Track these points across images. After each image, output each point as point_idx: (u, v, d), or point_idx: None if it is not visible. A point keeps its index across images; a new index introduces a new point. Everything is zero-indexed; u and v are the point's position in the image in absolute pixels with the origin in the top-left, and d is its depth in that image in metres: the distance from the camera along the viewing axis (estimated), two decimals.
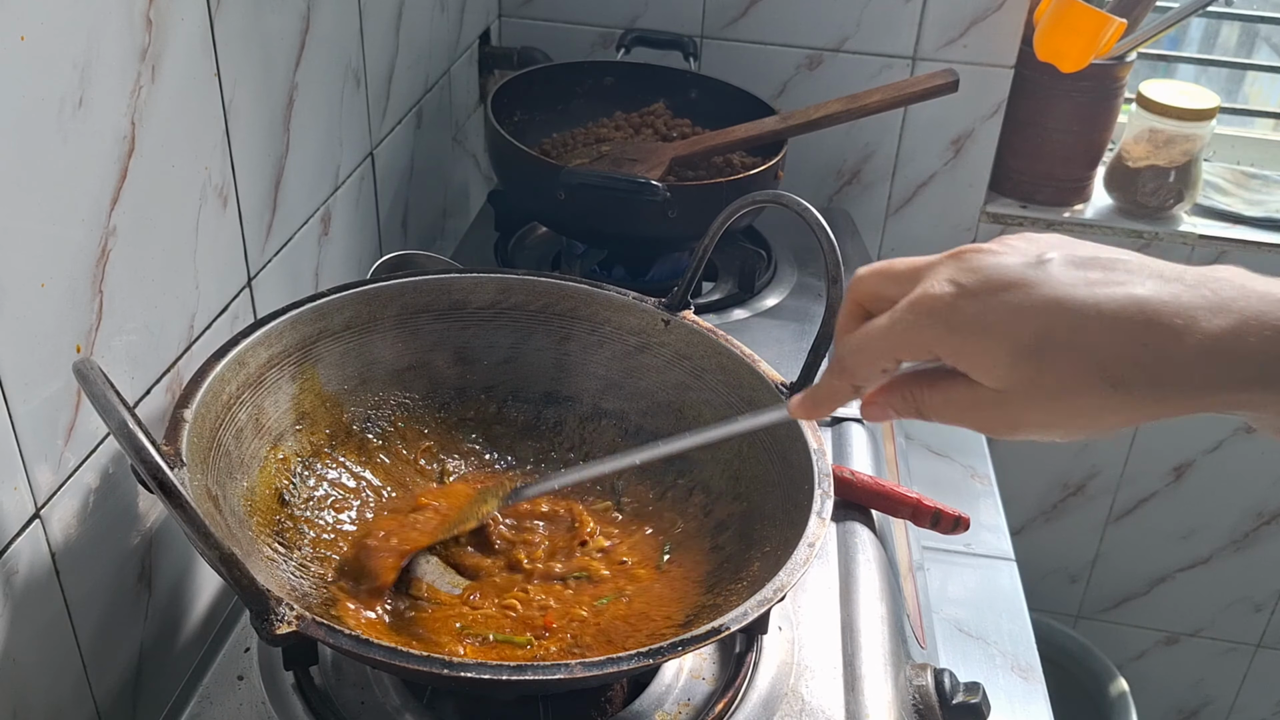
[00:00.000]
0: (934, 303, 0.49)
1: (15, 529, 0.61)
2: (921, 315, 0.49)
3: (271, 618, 0.55)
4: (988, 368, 0.48)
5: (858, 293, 0.54)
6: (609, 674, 0.58)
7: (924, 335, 0.49)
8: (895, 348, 0.50)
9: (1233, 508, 1.65)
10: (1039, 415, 0.48)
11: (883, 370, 0.52)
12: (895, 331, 0.50)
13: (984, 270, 0.48)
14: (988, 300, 0.47)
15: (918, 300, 0.49)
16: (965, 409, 0.50)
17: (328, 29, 0.94)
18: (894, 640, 0.79)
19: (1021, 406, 0.48)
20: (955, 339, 0.48)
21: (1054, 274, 0.47)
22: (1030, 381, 0.47)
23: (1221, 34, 1.76)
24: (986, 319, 0.47)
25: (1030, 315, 0.46)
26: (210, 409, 0.68)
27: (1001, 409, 0.49)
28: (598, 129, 1.26)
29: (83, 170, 0.63)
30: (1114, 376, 0.45)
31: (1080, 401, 0.47)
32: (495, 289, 0.85)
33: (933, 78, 1.13)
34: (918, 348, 0.50)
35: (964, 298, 0.48)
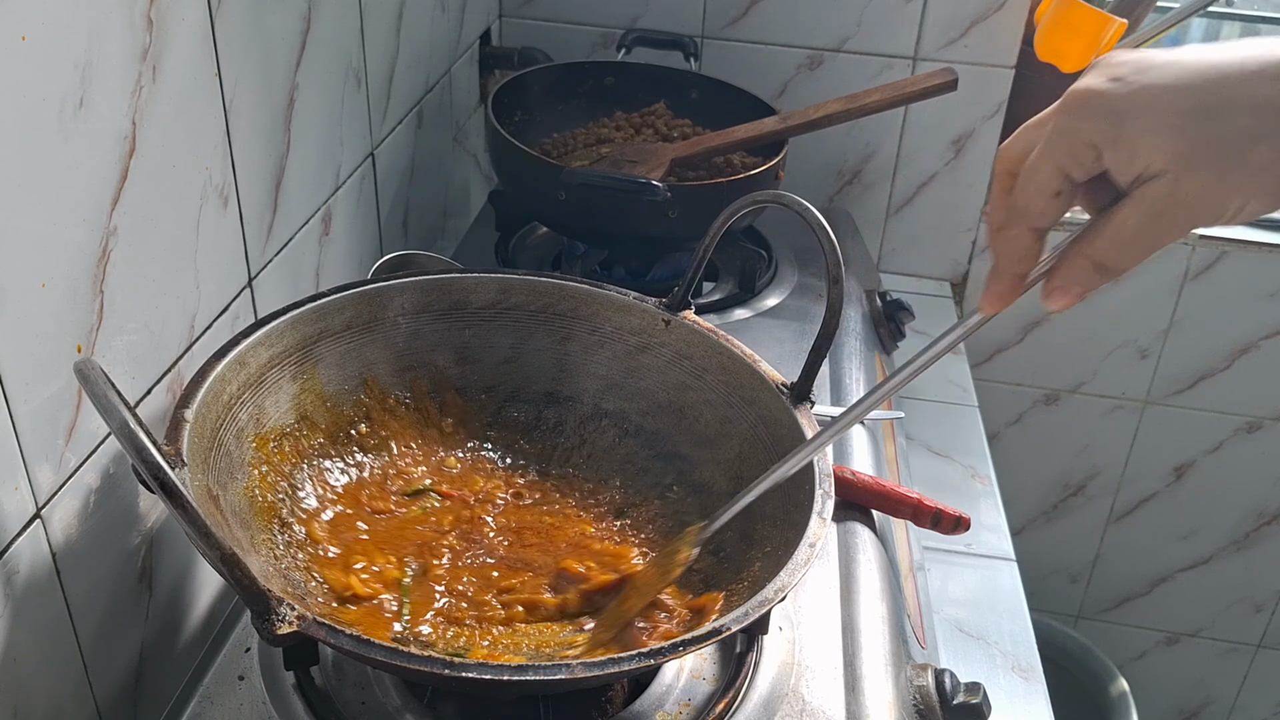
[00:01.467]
0: (1085, 94, 0.49)
1: (16, 529, 0.61)
2: (1078, 110, 0.49)
3: (272, 618, 0.55)
4: (1158, 144, 0.47)
5: (1006, 160, 0.53)
6: (609, 674, 0.58)
7: (1087, 129, 0.48)
8: (1062, 156, 0.50)
9: (1233, 508, 1.65)
10: (1219, 185, 0.47)
11: (1055, 194, 0.50)
12: (1056, 140, 0.49)
13: (1128, 62, 0.48)
14: (1139, 79, 0.48)
15: (1070, 100, 0.49)
16: (1145, 223, 0.49)
17: (328, 29, 0.94)
18: (895, 640, 0.79)
19: (1199, 180, 0.47)
20: (1119, 122, 0.48)
21: (1195, 52, 0.48)
22: (1204, 145, 0.47)
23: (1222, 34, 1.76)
24: (1146, 94, 0.47)
25: (1187, 81, 0.47)
26: (211, 409, 0.68)
27: (1179, 196, 0.48)
28: (598, 129, 1.26)
29: (84, 170, 0.63)
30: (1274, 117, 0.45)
31: (1257, 156, 0.46)
32: (496, 289, 0.85)
33: (932, 77, 1.13)
34: (1083, 147, 0.49)
35: (1115, 82, 0.48)
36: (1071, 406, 1.61)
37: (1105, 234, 0.50)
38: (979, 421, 1.32)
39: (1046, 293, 0.53)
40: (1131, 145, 0.48)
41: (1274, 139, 0.46)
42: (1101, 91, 0.48)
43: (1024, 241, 0.52)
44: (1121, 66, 0.48)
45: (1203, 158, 0.47)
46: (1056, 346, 1.56)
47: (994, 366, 1.58)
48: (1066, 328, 1.54)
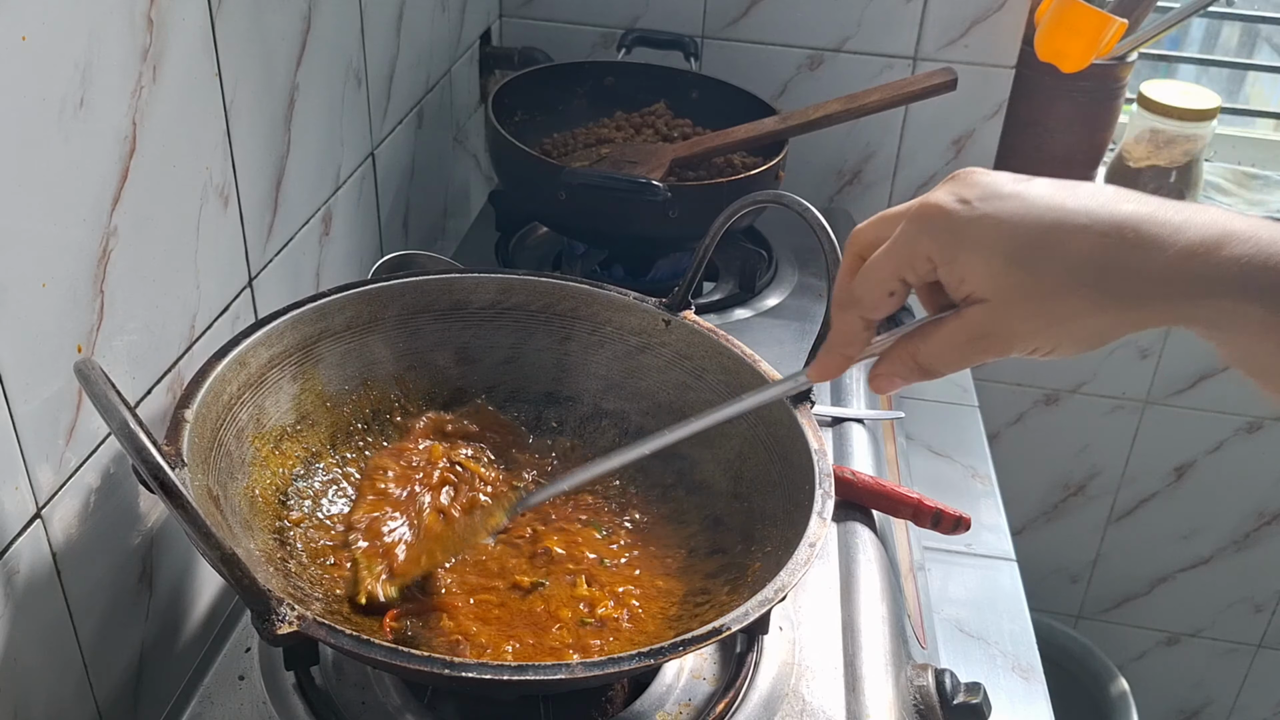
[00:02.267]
0: (935, 211, 0.51)
1: (16, 529, 0.61)
2: (924, 223, 0.51)
3: (273, 618, 0.55)
4: (983, 273, 0.50)
5: (857, 244, 0.56)
6: (610, 674, 0.58)
7: (926, 243, 0.51)
8: (900, 262, 0.52)
9: (1233, 508, 1.65)
10: (1031, 323, 0.51)
11: (889, 294, 0.54)
12: (898, 246, 0.52)
13: (980, 184, 0.51)
14: (985, 207, 0.50)
15: (919, 211, 0.52)
16: (963, 342, 0.52)
17: (329, 29, 0.94)
18: (895, 640, 0.79)
19: (1014, 316, 0.51)
20: (955, 245, 0.50)
21: (1042, 188, 0.50)
22: (1023, 286, 0.50)
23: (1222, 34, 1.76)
24: (984, 224, 0.50)
25: (1024, 221, 0.49)
26: (211, 409, 0.68)
27: (995, 324, 0.51)
28: (598, 129, 1.26)
29: (84, 170, 0.63)
30: (1100, 282, 0.48)
31: (1069, 306, 0.49)
32: (496, 289, 0.85)
33: (931, 76, 1.13)
34: (919, 258, 0.52)
35: (963, 205, 0.51)
36: (1072, 406, 1.61)
37: (930, 341, 0.54)
38: (979, 421, 1.32)
39: (871, 377, 0.58)
40: (962, 270, 0.51)
41: (1084, 293, 0.49)
42: (948, 211, 0.51)
43: (855, 328, 0.56)
44: (973, 188, 0.51)
45: (1019, 299, 0.50)
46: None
47: (994, 366, 1.58)
48: None
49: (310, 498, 0.76)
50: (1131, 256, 0.48)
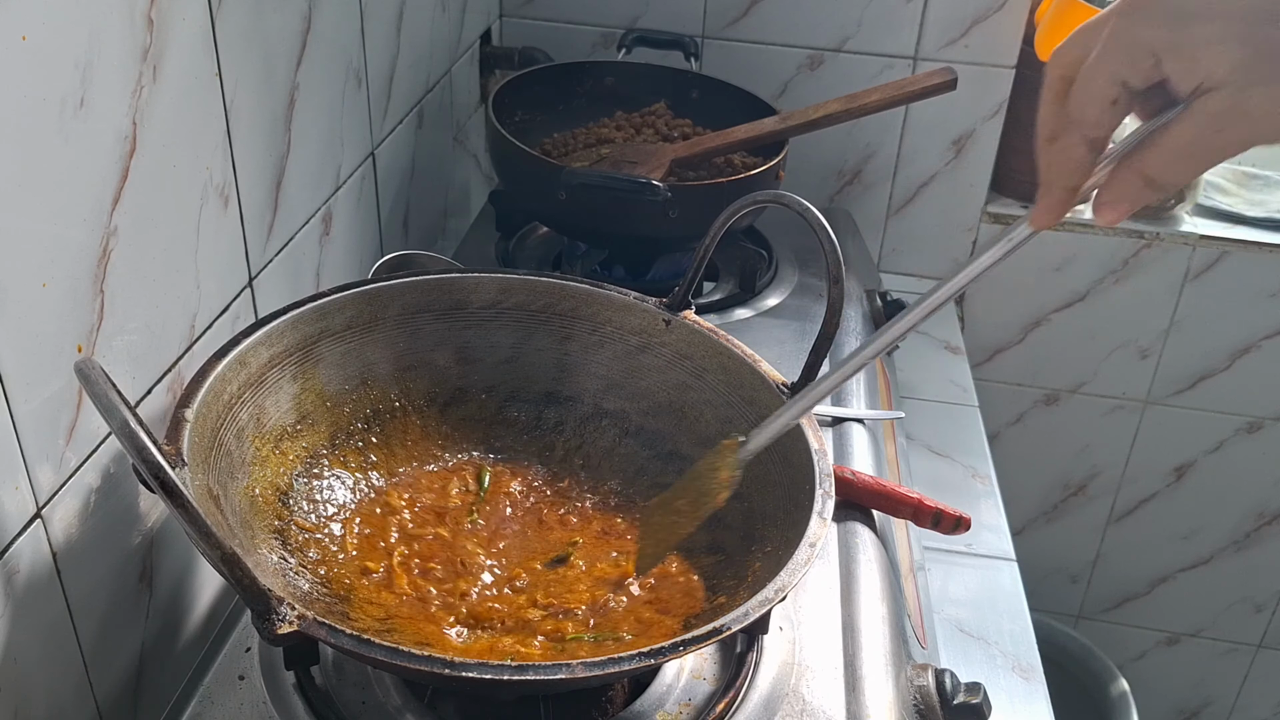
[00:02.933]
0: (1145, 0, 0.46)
1: (16, 529, 0.61)
2: (1138, 13, 0.46)
3: (273, 617, 0.55)
4: (1221, 52, 0.44)
5: (1060, 65, 0.50)
6: (610, 674, 0.58)
7: (1145, 35, 0.46)
8: (1119, 63, 0.47)
9: (1233, 508, 1.65)
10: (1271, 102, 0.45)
11: (1112, 102, 0.48)
12: (1114, 44, 0.47)
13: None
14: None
15: (1127, 4, 0.46)
16: (1197, 138, 0.47)
17: (329, 29, 0.94)
18: (895, 640, 0.79)
19: (1252, 96, 0.45)
20: (1181, 29, 0.45)
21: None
22: (1261, 56, 0.44)
23: None
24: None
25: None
26: (211, 409, 0.68)
27: (1235, 109, 0.45)
28: (599, 129, 1.26)
29: (84, 170, 0.63)
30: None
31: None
32: (496, 289, 0.85)
33: (931, 76, 1.13)
34: (1141, 55, 0.46)
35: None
36: (1072, 406, 1.61)
37: (1159, 148, 0.48)
38: (979, 421, 1.32)
39: (1096, 208, 0.51)
40: (1193, 53, 0.45)
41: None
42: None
43: (1078, 153, 0.50)
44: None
45: (1264, 73, 0.44)
46: (1057, 346, 1.56)
47: (994, 366, 1.58)
48: (1067, 328, 1.54)
49: (311, 497, 0.76)
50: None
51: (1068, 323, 1.54)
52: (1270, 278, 1.46)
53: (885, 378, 1.16)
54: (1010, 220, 1.48)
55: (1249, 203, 1.51)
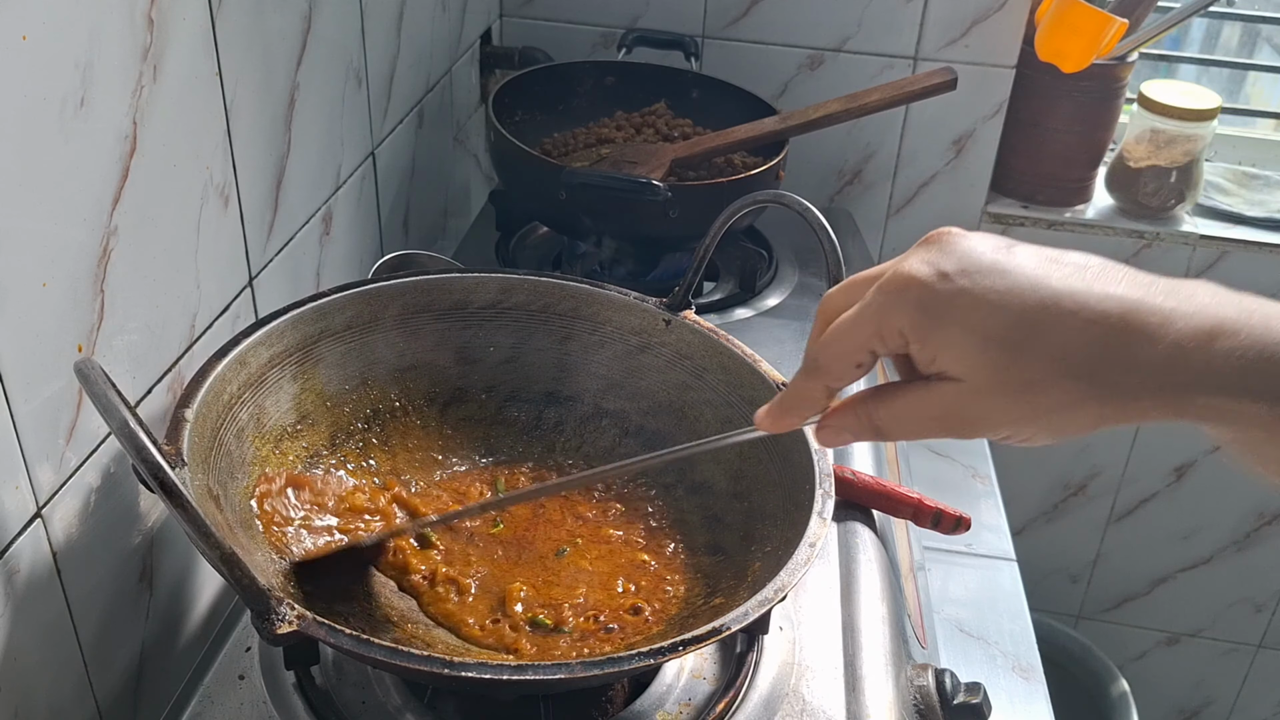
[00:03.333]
0: (908, 281, 0.47)
1: (17, 528, 0.61)
2: (896, 295, 0.47)
3: (273, 617, 0.55)
4: (958, 355, 0.46)
5: (827, 310, 0.52)
6: (610, 674, 0.58)
7: (898, 316, 0.47)
8: (869, 333, 0.49)
9: (1233, 508, 1.65)
10: (1007, 410, 0.47)
11: (856, 365, 0.50)
12: (867, 316, 0.48)
13: (959, 253, 0.47)
14: (962, 282, 0.46)
15: (892, 280, 0.48)
16: (926, 414, 0.49)
17: (329, 29, 0.94)
18: (895, 640, 0.79)
19: (989, 401, 0.47)
20: (929, 320, 0.46)
21: (1026, 261, 0.46)
22: (1001, 371, 0.46)
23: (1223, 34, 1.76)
24: (961, 302, 0.46)
25: (1006, 302, 0.45)
26: (211, 409, 0.68)
27: (967, 407, 0.47)
28: (599, 129, 1.26)
29: (84, 170, 0.63)
30: (1086, 373, 0.44)
31: (1050, 397, 0.45)
32: (496, 289, 0.85)
33: (931, 76, 1.13)
34: (890, 331, 0.48)
35: (940, 278, 0.46)
36: None
37: (891, 406, 0.50)
38: None
39: (818, 429, 0.54)
40: (936, 349, 0.47)
41: (1070, 386, 0.45)
42: (924, 283, 0.46)
43: (816, 394, 0.53)
44: (951, 258, 0.47)
45: (997, 385, 0.46)
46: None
47: None
48: None
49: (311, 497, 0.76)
50: (1123, 349, 0.44)
51: None
52: (1270, 278, 1.46)
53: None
54: (1008, 220, 1.48)
55: (1249, 203, 1.51)
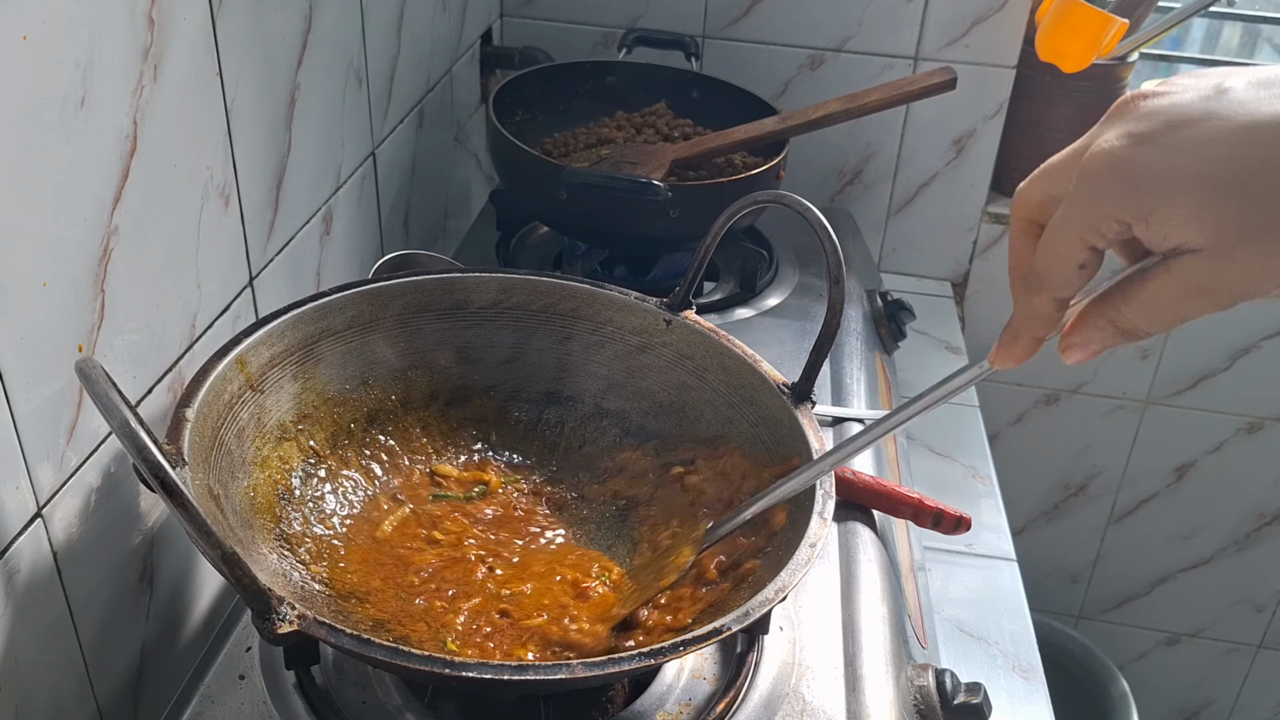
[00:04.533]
0: (1110, 160, 0.43)
1: (17, 528, 0.61)
2: (1104, 178, 0.44)
3: (273, 617, 0.55)
4: (1188, 218, 0.42)
5: (1024, 207, 0.49)
6: (610, 674, 0.58)
7: (1115, 201, 0.43)
8: (1087, 228, 0.45)
9: (1234, 508, 1.65)
10: (1260, 264, 0.42)
11: (1080, 267, 0.46)
12: (1077, 211, 0.44)
13: (1159, 113, 0.43)
14: (1171, 141, 0.42)
15: (1094, 165, 0.44)
16: (1177, 295, 0.44)
17: (330, 28, 0.94)
18: (895, 640, 0.79)
19: (1239, 259, 0.42)
20: (1150, 194, 0.42)
21: (1240, 98, 0.42)
22: (1239, 221, 0.41)
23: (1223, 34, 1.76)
24: (1175, 162, 0.42)
25: (1225, 145, 0.41)
26: (212, 408, 0.68)
27: (1217, 272, 0.43)
28: (599, 129, 1.26)
29: (85, 169, 0.63)
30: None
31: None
32: (497, 289, 0.85)
33: (931, 76, 1.13)
34: (1109, 219, 0.44)
35: (1143, 144, 0.43)
36: (1072, 406, 1.61)
37: (1135, 300, 0.46)
38: (980, 421, 1.32)
39: (1063, 347, 0.50)
40: (1164, 222, 0.43)
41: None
42: (1128, 157, 0.43)
43: (1045, 310, 0.49)
44: (1151, 118, 0.43)
45: (1245, 235, 0.42)
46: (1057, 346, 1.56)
47: None
48: None
49: (311, 497, 0.76)
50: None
51: None
52: None
53: (886, 378, 1.16)
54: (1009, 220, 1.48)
55: None
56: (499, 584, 0.73)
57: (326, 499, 0.76)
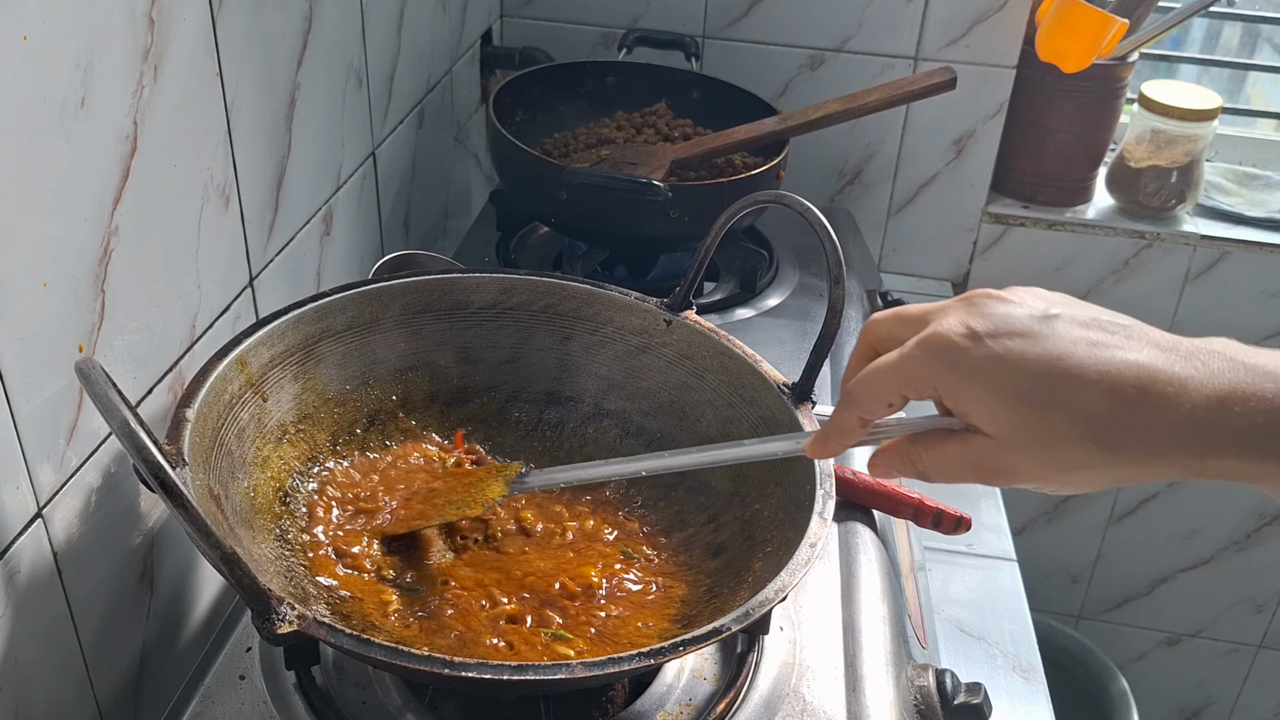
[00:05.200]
0: (943, 342, 0.50)
1: (18, 528, 0.61)
2: (930, 353, 0.51)
3: (273, 617, 0.55)
4: (986, 412, 0.50)
5: (871, 336, 0.56)
6: (610, 674, 0.58)
7: (930, 372, 0.51)
8: (902, 382, 0.52)
9: (1234, 508, 1.65)
10: (1031, 466, 0.50)
11: (888, 405, 0.54)
12: (903, 367, 0.52)
13: (994, 317, 0.50)
14: (994, 346, 0.49)
15: (928, 338, 0.51)
16: (961, 464, 0.52)
17: (330, 29, 0.94)
18: (895, 641, 0.79)
19: (1015, 456, 0.50)
20: (959, 380, 0.50)
21: (1059, 330, 0.49)
22: (1025, 431, 0.49)
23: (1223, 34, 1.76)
24: (991, 365, 0.49)
25: (1033, 367, 0.48)
26: (212, 408, 0.68)
27: (996, 459, 0.51)
28: (599, 129, 1.26)
29: (85, 170, 0.63)
30: (1106, 437, 0.48)
31: (1071, 456, 0.49)
32: (497, 289, 0.85)
33: (931, 76, 1.13)
34: (922, 384, 0.51)
35: (972, 340, 0.49)
36: None
37: (932, 455, 0.53)
38: None
39: (870, 464, 0.58)
40: (966, 406, 0.50)
41: (1089, 447, 0.48)
42: (956, 346, 0.50)
43: (852, 424, 0.56)
44: (987, 319, 0.50)
45: (1022, 443, 0.49)
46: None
47: None
48: None
49: (312, 497, 0.76)
50: (1140, 416, 0.47)
51: None
52: (1271, 278, 1.46)
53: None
54: (1009, 220, 1.48)
55: (1250, 203, 1.51)
56: None
57: (327, 499, 0.76)
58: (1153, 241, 1.46)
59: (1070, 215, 1.49)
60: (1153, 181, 1.46)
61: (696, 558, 0.76)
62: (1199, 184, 1.47)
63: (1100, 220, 1.48)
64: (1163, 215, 1.48)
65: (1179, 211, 1.48)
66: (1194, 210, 1.49)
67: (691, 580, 0.75)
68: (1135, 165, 1.46)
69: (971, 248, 1.52)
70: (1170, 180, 1.45)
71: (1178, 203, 1.47)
